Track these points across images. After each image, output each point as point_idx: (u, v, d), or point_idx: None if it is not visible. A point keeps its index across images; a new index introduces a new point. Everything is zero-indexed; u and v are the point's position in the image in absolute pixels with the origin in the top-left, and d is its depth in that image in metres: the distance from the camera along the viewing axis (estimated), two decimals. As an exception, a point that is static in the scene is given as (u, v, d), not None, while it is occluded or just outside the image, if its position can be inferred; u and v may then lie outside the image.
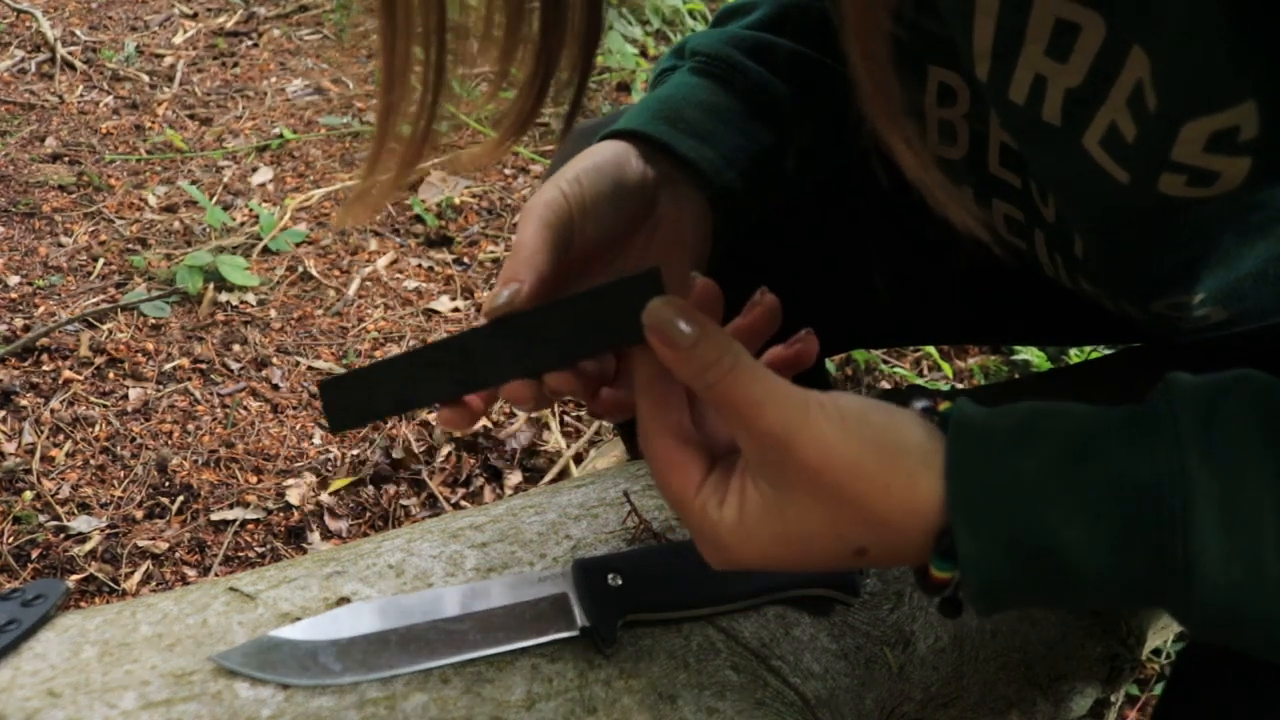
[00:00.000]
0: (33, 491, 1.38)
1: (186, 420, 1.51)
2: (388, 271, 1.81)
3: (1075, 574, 0.42)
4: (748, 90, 0.65)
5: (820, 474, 0.43)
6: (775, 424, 0.43)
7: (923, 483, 0.43)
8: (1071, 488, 0.41)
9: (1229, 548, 0.40)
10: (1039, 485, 0.42)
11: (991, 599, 0.44)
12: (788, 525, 0.45)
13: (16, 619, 0.57)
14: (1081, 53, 0.48)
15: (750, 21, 0.68)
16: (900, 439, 0.44)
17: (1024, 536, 0.42)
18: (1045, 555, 0.42)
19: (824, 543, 0.45)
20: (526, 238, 0.53)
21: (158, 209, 1.95)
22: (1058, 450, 0.42)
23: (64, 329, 1.63)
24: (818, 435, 0.43)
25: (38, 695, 0.53)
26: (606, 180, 0.57)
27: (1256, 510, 0.40)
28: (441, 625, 0.57)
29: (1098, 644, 0.71)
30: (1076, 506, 0.41)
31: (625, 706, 0.56)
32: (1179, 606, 0.42)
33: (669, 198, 0.61)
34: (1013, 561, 0.42)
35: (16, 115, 2.20)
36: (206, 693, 0.54)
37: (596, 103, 2.20)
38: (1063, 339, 0.93)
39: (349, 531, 1.38)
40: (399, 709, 0.54)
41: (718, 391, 0.44)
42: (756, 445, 0.44)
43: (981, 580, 0.43)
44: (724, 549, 0.47)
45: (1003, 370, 1.63)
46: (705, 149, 0.62)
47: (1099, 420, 0.43)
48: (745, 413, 0.44)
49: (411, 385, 0.53)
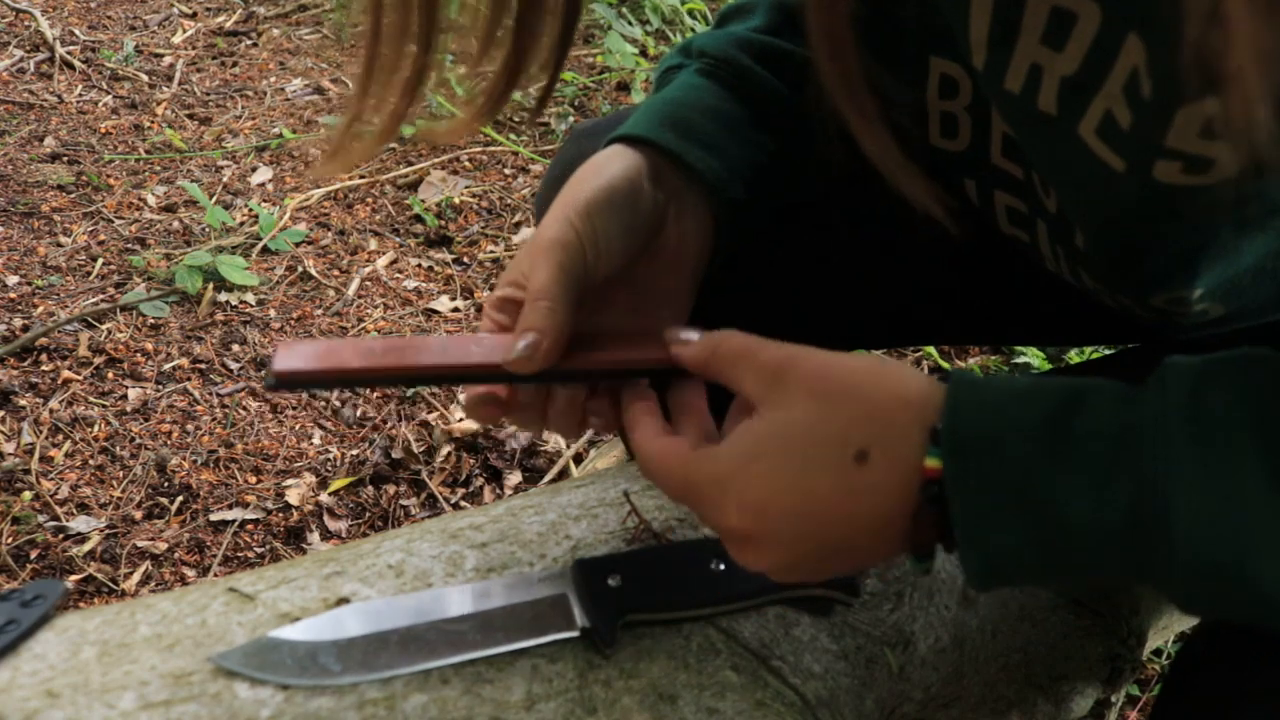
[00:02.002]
0: (31, 492, 1.38)
1: (186, 420, 1.51)
2: (387, 271, 1.81)
3: (1056, 507, 0.43)
4: (754, 96, 0.65)
5: (822, 379, 0.48)
6: (776, 352, 0.49)
7: (913, 381, 0.47)
8: (1058, 431, 0.44)
9: (1205, 483, 0.41)
10: (1029, 424, 0.44)
11: (976, 528, 0.44)
12: (790, 439, 0.47)
13: (15, 619, 0.57)
14: (1077, 41, 0.49)
15: (755, 25, 0.68)
16: (891, 363, 0.49)
17: (1008, 464, 0.43)
18: (1028, 491, 0.43)
19: (827, 449, 0.46)
20: (543, 284, 0.52)
21: (157, 209, 1.95)
22: (1051, 401, 0.45)
23: (63, 329, 1.63)
24: (815, 352, 0.49)
25: (37, 695, 0.53)
26: (620, 211, 0.56)
27: (1230, 450, 0.41)
28: (441, 625, 0.57)
29: (1098, 644, 0.70)
30: (1060, 443, 0.43)
31: (625, 707, 0.56)
32: (1159, 550, 0.42)
33: (673, 212, 0.60)
34: (995, 482, 0.44)
35: (15, 115, 2.20)
36: (206, 693, 0.54)
37: (596, 103, 2.20)
38: (1064, 340, 0.93)
39: (348, 532, 1.38)
40: (399, 709, 0.54)
41: (723, 349, 0.51)
42: (758, 376, 0.49)
43: (965, 505, 0.44)
44: (729, 485, 0.48)
45: (1003, 370, 1.63)
46: (712, 160, 0.61)
47: (1092, 382, 0.46)
48: (749, 352, 0.50)
49: None
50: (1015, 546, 0.44)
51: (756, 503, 0.47)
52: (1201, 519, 0.41)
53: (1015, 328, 0.86)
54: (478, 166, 2.04)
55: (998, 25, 0.51)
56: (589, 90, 2.23)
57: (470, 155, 2.06)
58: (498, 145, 2.07)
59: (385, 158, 2.08)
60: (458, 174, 2.02)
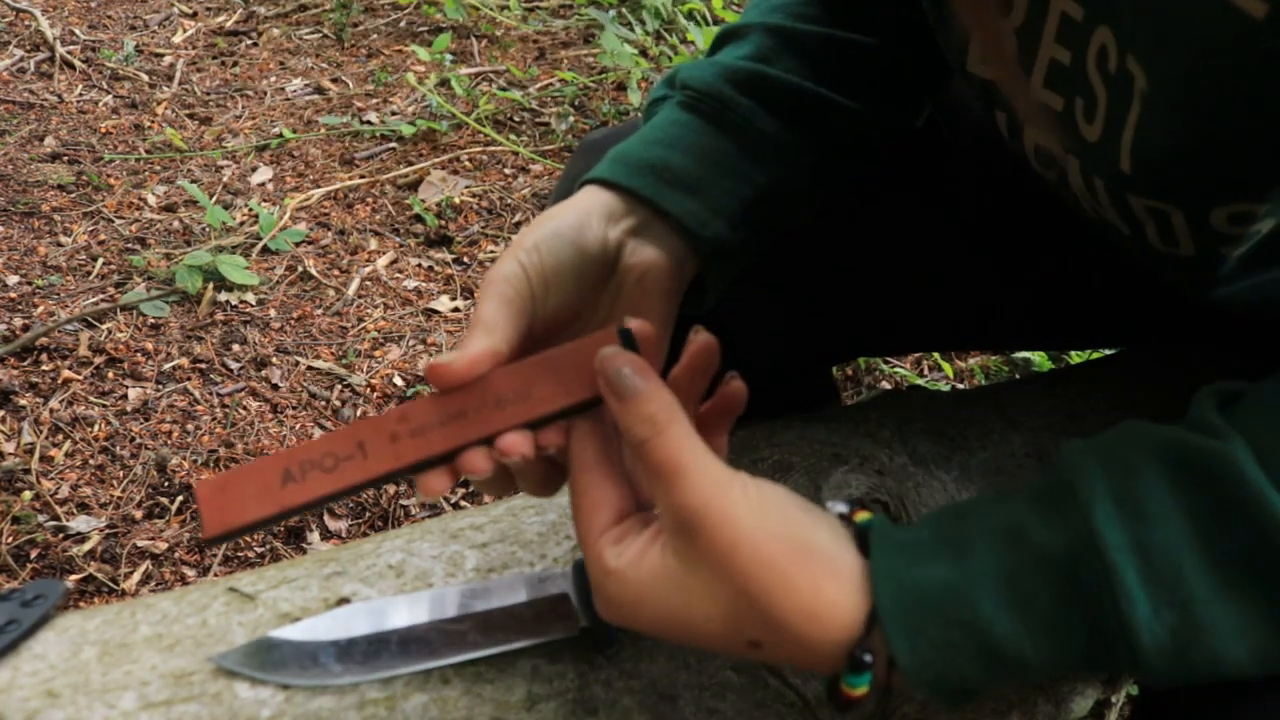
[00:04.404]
0: (32, 491, 1.38)
1: (186, 420, 1.51)
2: (387, 271, 1.81)
3: (1018, 662, 0.43)
4: (739, 128, 0.63)
5: (727, 557, 0.43)
6: (694, 494, 0.44)
7: (827, 590, 0.44)
8: (997, 581, 0.43)
9: (1156, 596, 0.41)
10: (968, 584, 0.43)
11: (944, 697, 0.44)
12: (687, 601, 0.45)
13: (16, 619, 0.57)
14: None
15: (746, 52, 0.66)
16: (815, 542, 0.45)
17: (959, 637, 0.42)
18: (984, 647, 0.42)
19: (718, 626, 0.45)
20: (485, 313, 0.52)
21: (157, 208, 1.95)
22: (980, 549, 0.43)
23: (63, 329, 1.63)
24: (733, 516, 0.44)
25: (37, 695, 0.53)
26: (567, 247, 0.56)
27: (1172, 553, 0.41)
28: (441, 625, 0.57)
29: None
30: (1007, 599, 0.42)
31: (625, 707, 0.56)
32: (1132, 668, 0.42)
33: (651, 247, 0.59)
34: (948, 659, 0.43)
35: (15, 114, 2.20)
36: (206, 693, 0.54)
37: (596, 102, 2.20)
38: (1066, 344, 0.92)
39: (349, 532, 1.38)
40: (399, 709, 0.54)
41: (648, 449, 0.44)
42: (672, 514, 0.45)
43: (926, 681, 0.43)
44: (609, 600, 0.47)
45: (1004, 371, 1.63)
46: (690, 202, 0.60)
47: (1011, 510, 0.45)
48: (668, 477, 0.44)
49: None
50: (979, 682, 0.44)
51: (630, 624, 0.47)
52: (1163, 624, 0.41)
53: (1020, 333, 0.86)
54: (478, 166, 2.04)
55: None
56: (589, 90, 2.23)
57: (470, 155, 2.06)
58: (498, 145, 2.07)
59: (385, 158, 2.08)
60: (458, 174, 2.02)
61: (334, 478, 0.48)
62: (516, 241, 0.56)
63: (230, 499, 0.48)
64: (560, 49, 2.40)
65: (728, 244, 0.61)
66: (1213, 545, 0.41)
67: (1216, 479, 0.41)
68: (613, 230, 0.59)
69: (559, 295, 0.55)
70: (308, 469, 0.48)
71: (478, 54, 2.37)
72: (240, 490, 0.48)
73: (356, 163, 2.06)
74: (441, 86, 2.23)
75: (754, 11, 0.69)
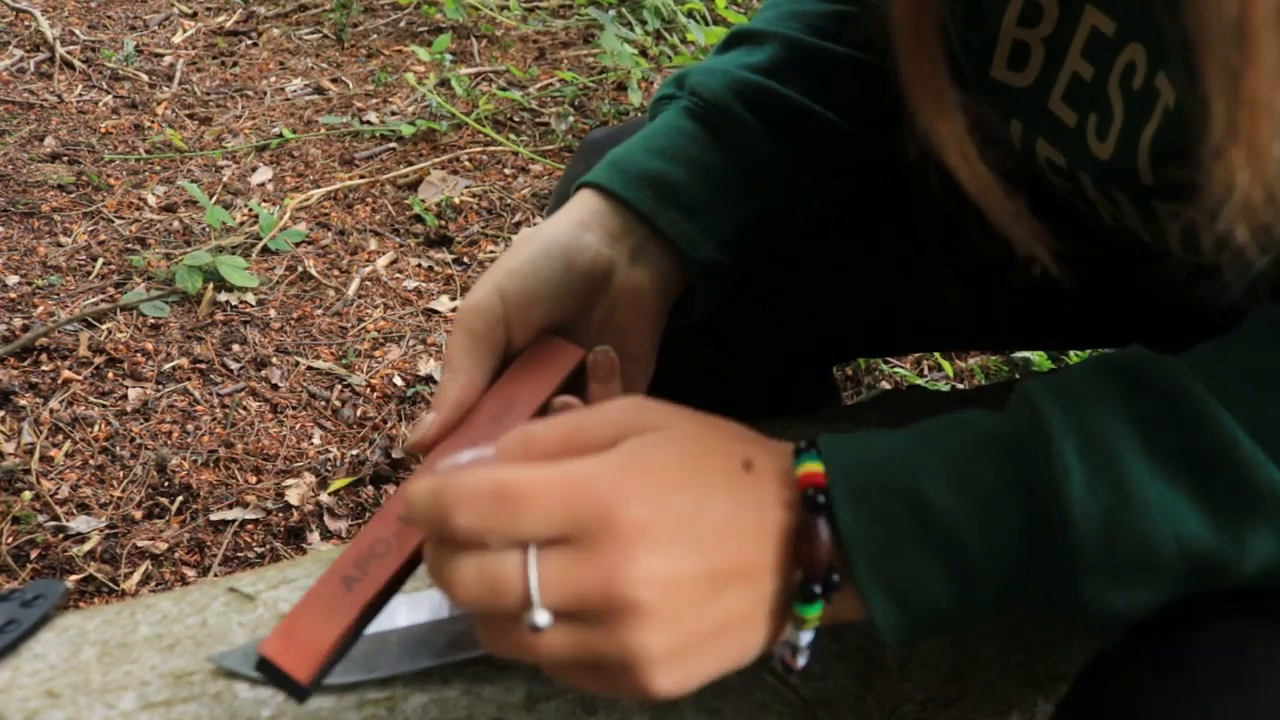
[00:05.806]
0: (31, 492, 1.38)
1: (186, 420, 1.51)
2: (387, 271, 1.81)
3: (958, 544, 0.43)
4: (740, 147, 0.63)
5: (682, 412, 0.46)
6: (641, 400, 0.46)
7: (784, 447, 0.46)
8: (944, 456, 0.44)
9: (1091, 473, 0.42)
10: (914, 456, 0.44)
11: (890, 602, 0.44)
12: (681, 441, 0.44)
13: (16, 619, 0.57)
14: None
15: (758, 63, 0.65)
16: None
17: (900, 509, 0.43)
18: (925, 521, 0.43)
19: (717, 455, 0.44)
20: (452, 352, 0.54)
21: (157, 209, 1.95)
22: (925, 430, 0.46)
23: (63, 329, 1.63)
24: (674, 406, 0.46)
25: (37, 696, 0.53)
26: (555, 263, 0.57)
27: (1111, 438, 0.42)
28: (441, 625, 0.57)
29: (1098, 645, 0.70)
30: (951, 473, 0.44)
31: (625, 707, 0.56)
32: (1064, 555, 0.42)
33: (644, 269, 0.60)
34: (890, 535, 0.43)
35: (15, 114, 2.20)
36: (206, 693, 0.54)
37: (596, 102, 2.20)
38: (1067, 344, 0.92)
39: (349, 531, 1.38)
40: (399, 709, 0.54)
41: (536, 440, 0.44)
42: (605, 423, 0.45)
43: (866, 559, 0.43)
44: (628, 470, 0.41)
45: (1003, 370, 1.63)
46: (685, 222, 0.60)
47: (961, 412, 0.47)
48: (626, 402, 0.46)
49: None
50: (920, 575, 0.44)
51: (659, 489, 0.42)
52: (1096, 500, 0.42)
53: (1020, 333, 0.86)
54: (478, 166, 2.04)
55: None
56: (589, 90, 2.23)
57: (470, 155, 2.06)
58: (498, 145, 2.07)
59: (385, 158, 2.08)
60: (458, 174, 2.02)
61: (395, 555, 0.47)
62: (501, 262, 0.57)
63: (303, 637, 0.45)
64: (560, 49, 2.40)
65: (718, 265, 0.61)
66: (1149, 432, 0.43)
67: (1156, 381, 0.44)
68: (606, 250, 0.59)
69: (542, 311, 0.57)
70: (365, 563, 0.47)
71: (478, 54, 2.37)
72: (308, 622, 0.45)
73: (356, 163, 2.06)
74: (441, 86, 2.23)
75: (772, 13, 0.68)
